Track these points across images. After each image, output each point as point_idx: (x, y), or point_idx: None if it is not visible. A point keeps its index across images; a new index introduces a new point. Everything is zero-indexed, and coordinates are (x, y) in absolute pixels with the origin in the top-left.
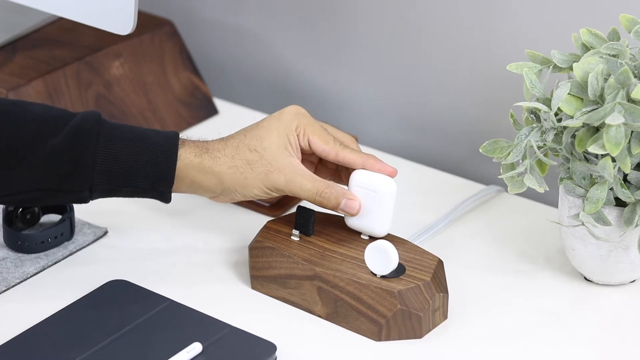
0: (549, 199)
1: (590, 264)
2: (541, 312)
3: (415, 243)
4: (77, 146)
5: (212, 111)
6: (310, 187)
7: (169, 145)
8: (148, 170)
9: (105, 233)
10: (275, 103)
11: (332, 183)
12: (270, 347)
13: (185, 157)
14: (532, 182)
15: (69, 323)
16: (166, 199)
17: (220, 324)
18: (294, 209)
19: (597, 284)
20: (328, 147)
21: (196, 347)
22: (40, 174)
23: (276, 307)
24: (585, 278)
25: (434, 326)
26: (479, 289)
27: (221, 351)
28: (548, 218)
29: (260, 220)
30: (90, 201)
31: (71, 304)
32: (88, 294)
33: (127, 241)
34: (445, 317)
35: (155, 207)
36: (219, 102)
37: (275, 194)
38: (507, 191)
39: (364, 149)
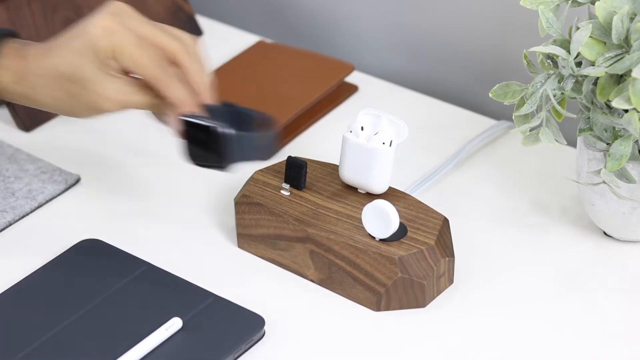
0: (567, 137)
1: (611, 221)
2: (557, 274)
3: (417, 192)
4: None
5: (196, 32)
6: (143, 100)
7: None
8: None
9: (78, 180)
10: (267, 23)
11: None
12: (258, 321)
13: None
14: (548, 137)
15: (35, 292)
16: None
17: (203, 293)
18: (285, 152)
19: (619, 240)
20: (153, 78)
21: (176, 323)
22: None
23: (265, 270)
24: (605, 233)
25: (439, 293)
26: (488, 248)
27: (203, 326)
28: (565, 161)
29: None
30: None
31: (39, 269)
32: (58, 257)
33: (102, 190)
34: (450, 282)
35: (132, 150)
36: (203, 21)
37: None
38: None
39: (362, 76)
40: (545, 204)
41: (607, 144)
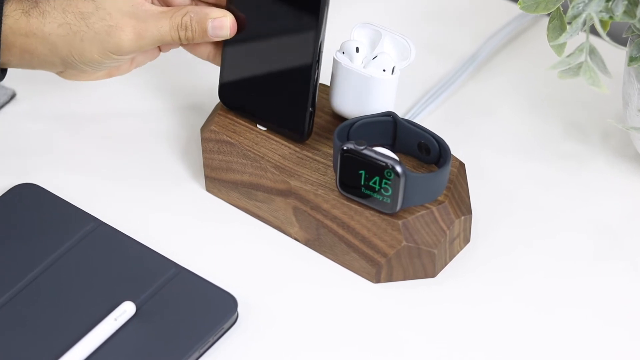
0: (611, 32)
1: None
2: (596, 226)
3: (422, 115)
4: None
5: None
6: (169, 25)
7: None
8: None
9: (13, 96)
10: None
11: (187, 7)
12: (230, 303)
13: (11, 17)
14: (591, 76)
15: None
16: None
17: (164, 263)
18: None
19: None
20: None
21: (127, 310)
22: None
23: (238, 224)
24: None
25: (452, 258)
26: (512, 190)
27: (161, 312)
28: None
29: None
30: None
31: None
32: None
33: (40, 111)
34: (467, 241)
35: None
36: None
37: (124, 58)
38: None
39: None
40: (582, 126)
41: None
